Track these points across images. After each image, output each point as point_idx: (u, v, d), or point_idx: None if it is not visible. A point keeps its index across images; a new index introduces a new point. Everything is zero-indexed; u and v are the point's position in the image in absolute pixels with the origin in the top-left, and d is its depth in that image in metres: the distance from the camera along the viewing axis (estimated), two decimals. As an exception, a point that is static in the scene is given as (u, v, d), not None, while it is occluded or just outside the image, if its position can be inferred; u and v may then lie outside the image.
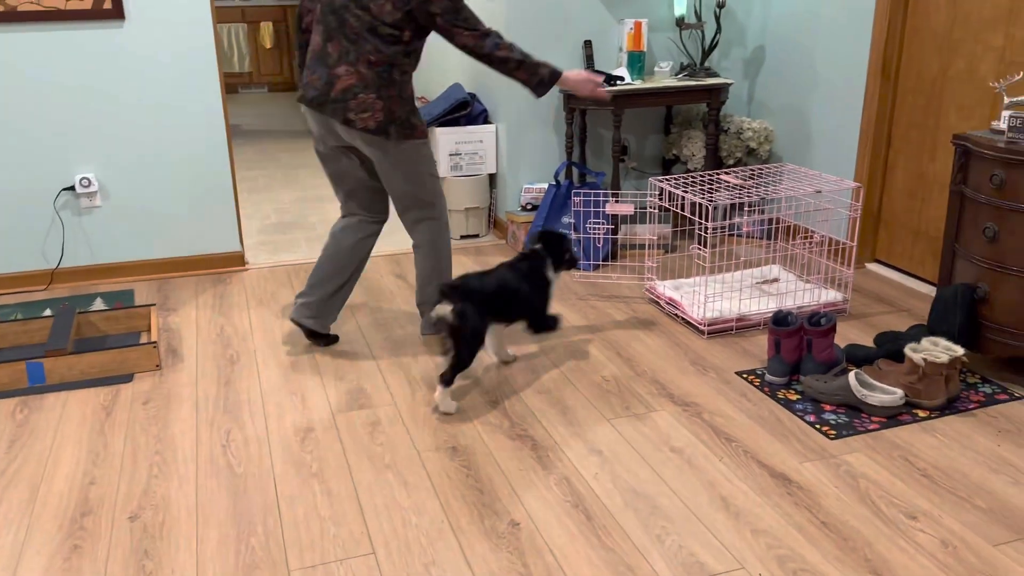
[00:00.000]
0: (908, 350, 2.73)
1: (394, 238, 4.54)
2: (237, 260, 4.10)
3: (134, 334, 3.38)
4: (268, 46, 9.64)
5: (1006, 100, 2.79)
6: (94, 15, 3.61)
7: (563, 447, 2.53)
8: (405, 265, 4.14)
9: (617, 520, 2.19)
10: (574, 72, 2.92)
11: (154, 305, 3.40)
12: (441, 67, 5.55)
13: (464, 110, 4.45)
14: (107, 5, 3.61)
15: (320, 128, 2.94)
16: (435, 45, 5.67)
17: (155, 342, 3.07)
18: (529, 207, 4.34)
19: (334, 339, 3.25)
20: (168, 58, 3.75)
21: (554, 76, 2.83)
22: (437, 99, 4.71)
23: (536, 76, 2.81)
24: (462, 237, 4.52)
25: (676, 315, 3.47)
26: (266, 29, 9.59)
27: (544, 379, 2.96)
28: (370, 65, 2.77)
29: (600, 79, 2.94)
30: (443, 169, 4.39)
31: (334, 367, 3.06)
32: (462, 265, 4.11)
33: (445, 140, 4.36)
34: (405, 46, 2.79)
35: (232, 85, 9.81)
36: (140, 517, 2.23)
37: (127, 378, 3.01)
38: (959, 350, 2.70)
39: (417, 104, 5.91)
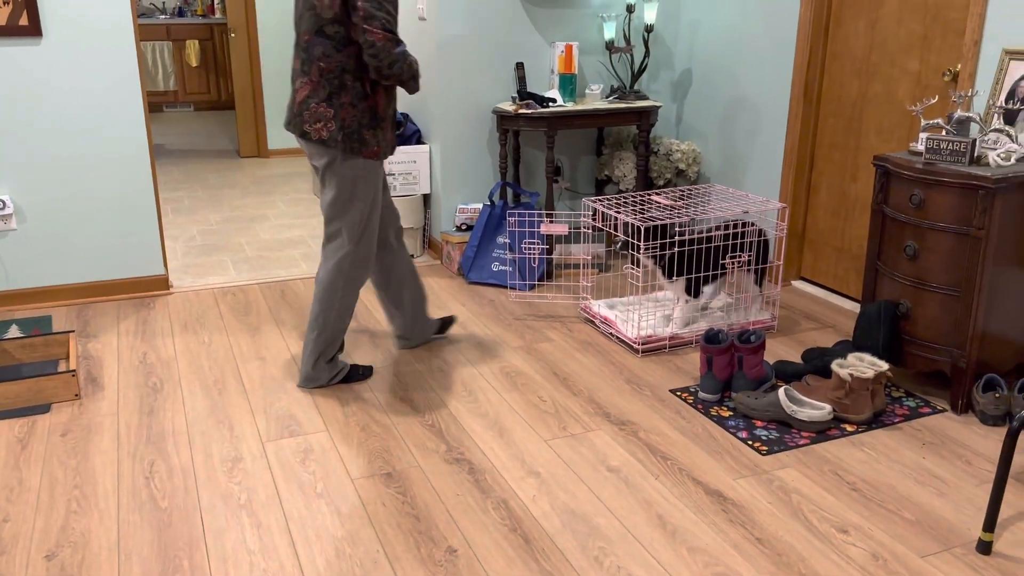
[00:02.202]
0: (835, 366, 2.80)
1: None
2: (161, 284, 3.97)
3: (52, 362, 3.23)
4: (194, 64, 9.44)
5: (923, 123, 2.90)
6: (9, 32, 3.47)
7: (501, 470, 2.51)
8: (338, 287, 4.07)
9: (555, 542, 2.17)
10: None
11: (73, 332, 3.25)
12: (373, 87, 5.50)
13: (397, 130, 4.40)
14: (23, 22, 3.48)
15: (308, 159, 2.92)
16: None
17: (74, 370, 2.94)
18: (464, 227, 4.32)
19: (450, 320, 3.46)
20: (88, 76, 3.63)
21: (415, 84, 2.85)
22: (369, 119, 4.66)
23: (417, 81, 2.83)
24: (396, 258, 4.47)
25: (611, 334, 3.49)
26: (192, 47, 9.40)
27: (481, 400, 2.93)
28: (321, 73, 2.70)
29: None
30: (376, 190, 4.34)
31: (263, 394, 2.98)
32: (396, 286, 4.06)
33: (378, 160, 4.31)
34: (355, 48, 2.69)
35: (157, 104, 9.57)
36: (57, 555, 2.11)
37: (44, 408, 2.87)
38: (884, 365, 2.78)
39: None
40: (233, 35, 6.86)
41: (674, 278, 3.33)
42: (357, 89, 2.72)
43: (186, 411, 2.85)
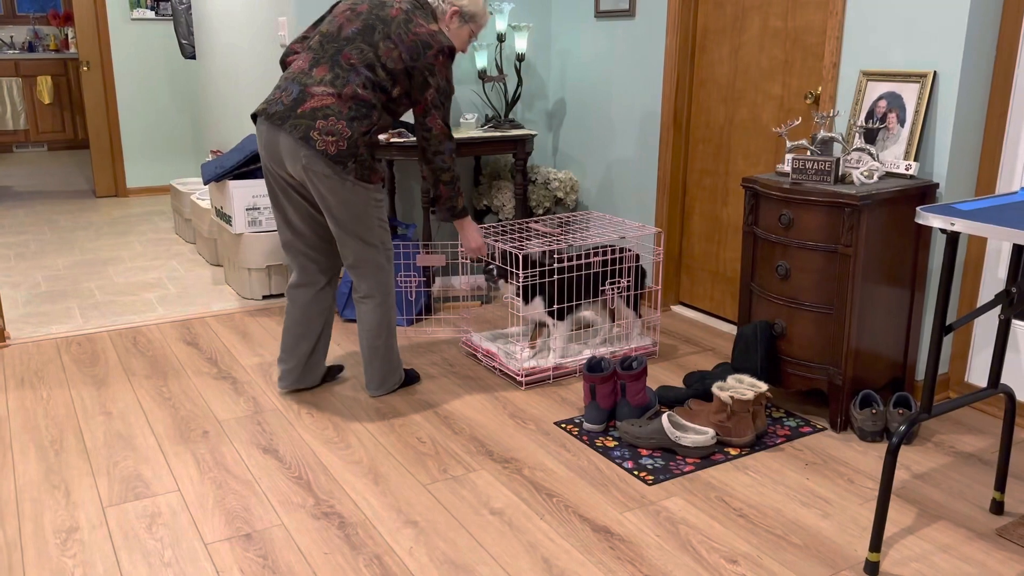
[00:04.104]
0: (715, 388, 2.75)
1: (183, 301, 4.16)
2: (-5, 335, 3.57)
3: None
4: (47, 101, 8.85)
5: (788, 144, 2.94)
6: None
7: (374, 521, 2.31)
8: (197, 330, 3.77)
9: (434, 598, 1.99)
10: (475, 228, 3.08)
11: None
12: (237, 117, 5.24)
13: (259, 162, 4.17)
14: None
15: (270, 158, 2.80)
16: (231, 91, 5.37)
17: None
18: (336, 263, 4.10)
19: (338, 369, 3.26)
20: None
21: (463, 213, 3.00)
22: (231, 151, 4.41)
23: (452, 200, 2.95)
24: (264, 297, 4.21)
25: (494, 367, 3.36)
26: (44, 83, 8.81)
27: (354, 446, 2.73)
28: (355, 96, 2.71)
29: (482, 245, 3.12)
30: (239, 225, 4.08)
31: (107, 452, 2.67)
32: (264, 328, 3.81)
33: (240, 194, 4.06)
34: (388, 99, 2.79)
35: (6, 144, 8.91)
36: None
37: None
38: (763, 386, 2.75)
39: (209, 157, 5.57)
40: (86, 68, 6.43)
41: (530, 301, 3.22)
42: (376, 128, 2.78)
43: (16, 476, 2.52)
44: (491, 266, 3.30)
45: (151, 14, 6.59)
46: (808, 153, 2.91)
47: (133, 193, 6.79)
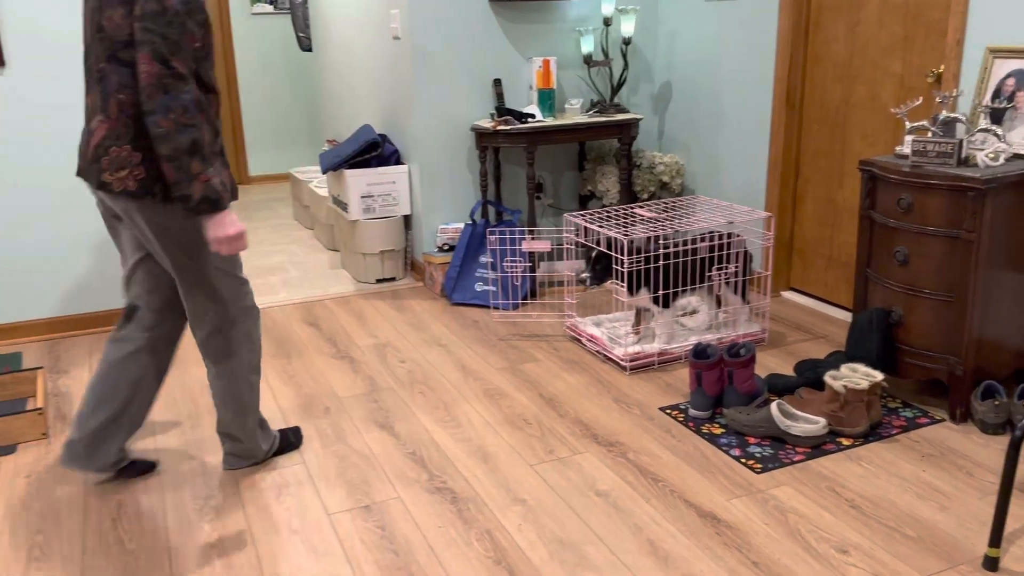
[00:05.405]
0: (828, 378, 2.71)
1: (304, 285, 4.37)
2: (136, 315, 3.85)
3: (20, 400, 3.12)
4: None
5: (908, 125, 2.84)
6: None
7: (484, 498, 2.40)
8: (317, 312, 3.97)
9: (542, 574, 2.06)
10: (226, 222, 2.12)
11: (42, 368, 3.14)
12: (351, 108, 5.44)
13: (375, 151, 4.33)
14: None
15: (99, 204, 2.34)
16: (345, 83, 5.57)
17: (41, 408, 2.83)
18: (446, 247, 4.23)
19: (148, 466, 2.59)
20: (57, 109, 3.53)
21: (205, 207, 2.07)
22: (347, 141, 4.59)
23: (184, 186, 2.05)
24: (378, 281, 4.38)
25: (598, 352, 3.40)
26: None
27: (464, 425, 2.83)
28: (121, 107, 2.10)
29: (235, 236, 2.16)
30: (355, 212, 4.26)
31: (239, 425, 2.87)
32: (378, 310, 3.97)
33: (355, 182, 4.23)
34: None
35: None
36: (14, 608, 2.00)
37: (9, 449, 2.76)
38: (878, 375, 2.69)
39: (326, 147, 5.79)
40: (211, 62, 6.80)
41: (638, 292, 3.23)
42: None
43: (157, 448, 2.74)
44: (584, 275, 3.29)
45: (270, 8, 6.89)
46: (929, 134, 2.80)
47: (255, 181, 7.15)
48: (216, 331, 2.35)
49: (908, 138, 2.81)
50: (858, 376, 2.70)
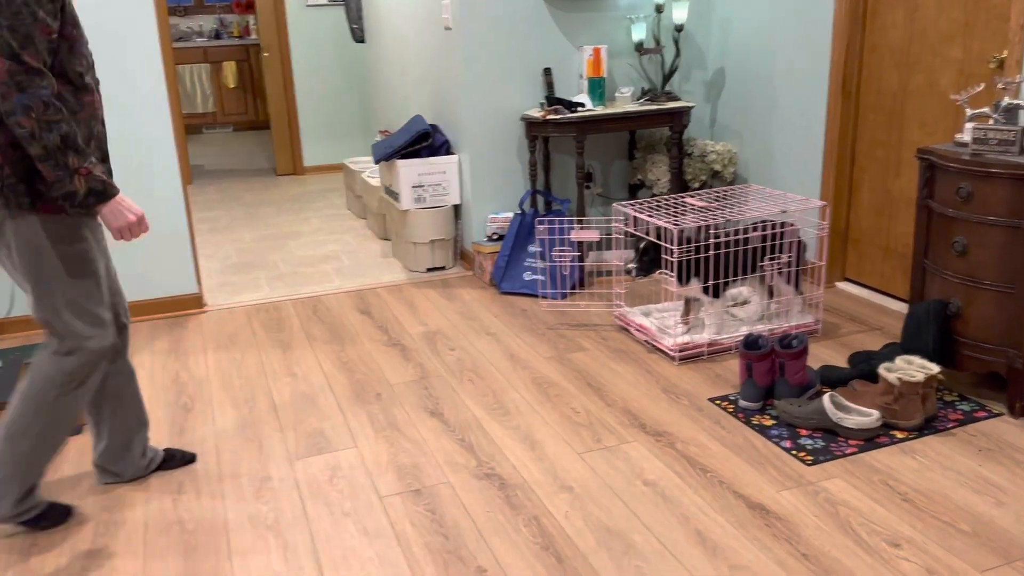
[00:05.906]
0: (882, 370, 2.67)
1: (357, 273, 4.44)
2: (195, 302, 3.97)
3: (86, 383, 3.24)
4: (231, 86, 9.56)
5: (968, 112, 2.77)
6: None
7: (532, 485, 2.43)
8: (369, 300, 4.03)
9: (589, 562, 2.08)
10: (129, 205, 2.03)
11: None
12: (403, 98, 5.49)
13: (426, 141, 4.38)
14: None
15: None
16: (397, 74, 5.62)
17: (106, 391, 2.93)
18: (495, 237, 4.26)
19: (190, 458, 2.62)
20: (117, 102, 3.65)
21: (91, 199, 1.95)
22: (398, 131, 4.64)
23: (63, 185, 1.92)
24: (428, 270, 4.43)
25: (647, 342, 3.39)
26: (229, 68, 9.52)
27: (512, 413, 2.86)
28: None
29: (133, 222, 2.05)
30: (406, 201, 4.31)
31: (293, 410, 2.94)
32: (429, 300, 4.02)
33: (407, 173, 4.28)
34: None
35: (196, 125, 9.71)
36: (82, 581, 2.09)
37: (75, 431, 2.87)
38: (934, 368, 2.64)
39: (378, 137, 5.86)
40: (266, 55, 6.91)
41: (688, 282, 3.21)
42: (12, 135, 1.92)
43: (216, 430, 2.83)
44: (631, 266, 3.28)
45: (324, 0, 6.98)
46: (990, 122, 2.73)
47: (309, 171, 7.26)
48: (48, 347, 2.13)
49: (968, 126, 2.74)
50: (913, 368, 2.65)
